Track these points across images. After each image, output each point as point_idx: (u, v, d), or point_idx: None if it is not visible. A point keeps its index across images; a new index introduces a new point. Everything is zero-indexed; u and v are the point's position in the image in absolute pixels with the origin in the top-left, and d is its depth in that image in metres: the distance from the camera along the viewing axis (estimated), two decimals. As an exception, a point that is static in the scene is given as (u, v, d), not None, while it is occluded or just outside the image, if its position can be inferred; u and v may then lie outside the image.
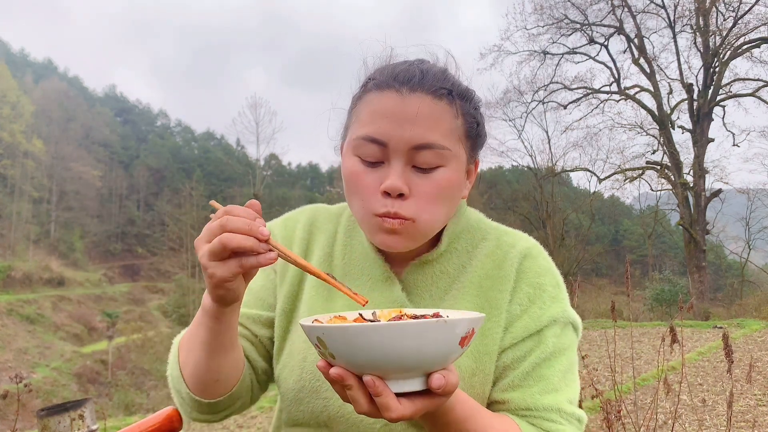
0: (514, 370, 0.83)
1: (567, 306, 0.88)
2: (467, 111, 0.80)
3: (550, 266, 0.90)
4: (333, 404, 0.84)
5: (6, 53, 69.61)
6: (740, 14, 21.22)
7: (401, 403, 0.60)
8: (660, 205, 26.99)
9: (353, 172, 0.79)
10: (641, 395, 5.91)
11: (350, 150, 0.80)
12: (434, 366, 0.61)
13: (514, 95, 26.16)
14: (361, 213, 0.81)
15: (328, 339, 0.59)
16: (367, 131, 0.77)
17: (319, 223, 0.96)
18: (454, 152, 0.78)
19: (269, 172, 58.32)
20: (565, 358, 0.85)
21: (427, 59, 0.84)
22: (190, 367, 0.81)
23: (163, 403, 11.88)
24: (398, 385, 0.61)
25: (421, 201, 0.78)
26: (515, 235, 0.93)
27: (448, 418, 0.70)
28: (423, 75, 0.77)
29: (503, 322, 0.85)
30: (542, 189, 26.81)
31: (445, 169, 0.78)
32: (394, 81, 0.77)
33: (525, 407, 0.81)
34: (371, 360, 0.58)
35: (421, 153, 0.76)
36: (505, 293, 0.86)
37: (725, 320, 13.70)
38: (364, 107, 0.79)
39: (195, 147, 79.79)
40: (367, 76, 0.83)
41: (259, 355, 0.93)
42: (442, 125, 0.77)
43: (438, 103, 0.76)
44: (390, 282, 0.88)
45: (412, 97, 0.76)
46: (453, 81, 0.80)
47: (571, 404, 0.83)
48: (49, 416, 0.74)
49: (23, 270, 36.99)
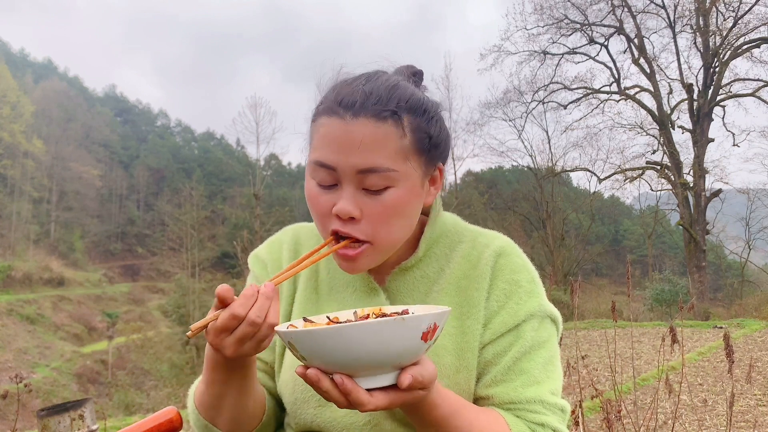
0: (495, 365, 0.86)
1: (543, 300, 0.91)
2: (417, 126, 0.80)
3: (524, 263, 0.93)
4: (325, 412, 0.87)
5: (6, 53, 69.58)
6: (740, 14, 21.25)
7: (374, 396, 0.64)
8: (660, 205, 27.01)
9: (311, 194, 0.84)
10: (641, 395, 5.91)
11: (308, 172, 0.84)
12: (401, 361, 0.64)
13: (514, 95, 26.20)
14: (321, 233, 0.86)
15: (297, 343, 0.63)
16: (318, 156, 0.80)
17: (303, 241, 1.00)
18: (402, 171, 0.79)
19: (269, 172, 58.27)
20: (545, 351, 0.88)
21: (383, 71, 0.85)
22: (213, 416, 0.86)
23: (163, 403, 11.88)
24: (369, 381, 0.64)
25: (373, 222, 0.80)
26: (489, 236, 0.95)
27: (434, 415, 0.73)
28: (366, 98, 0.78)
29: (482, 319, 0.88)
30: (542, 189, 26.80)
31: (394, 189, 0.79)
32: (338, 106, 0.78)
33: (509, 401, 0.84)
34: (338, 360, 0.62)
35: (368, 176, 0.78)
36: (482, 291, 0.89)
37: (725, 320, 13.70)
38: (315, 131, 0.83)
39: (195, 147, 79.79)
40: (319, 96, 0.86)
41: (272, 381, 0.97)
42: (387, 147, 0.78)
43: (381, 126, 0.77)
44: (374, 293, 0.92)
45: (354, 122, 0.77)
46: (400, 97, 0.79)
47: (553, 395, 0.86)
48: (49, 416, 0.74)
49: (23, 270, 36.95)
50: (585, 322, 13.75)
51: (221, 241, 45.23)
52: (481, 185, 32.86)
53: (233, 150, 69.63)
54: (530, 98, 26.09)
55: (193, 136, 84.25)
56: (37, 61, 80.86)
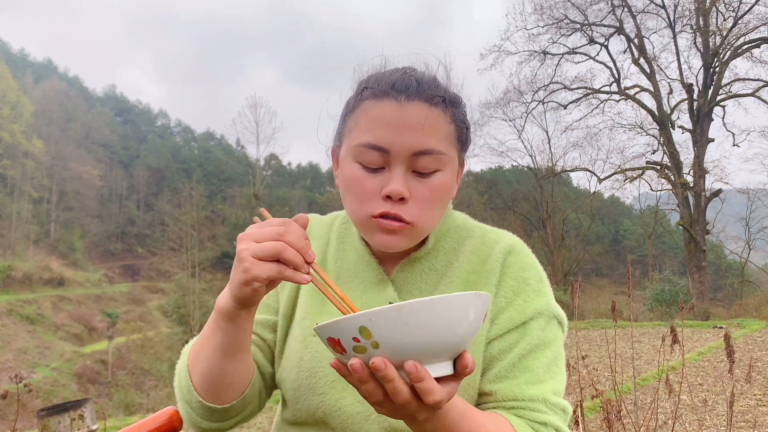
0: (500, 361, 0.86)
1: (551, 300, 0.91)
2: (457, 117, 0.84)
3: (533, 262, 0.93)
4: (329, 400, 0.86)
5: (6, 53, 69.59)
6: (740, 14, 21.25)
7: (441, 387, 0.61)
8: (660, 205, 27.02)
9: (355, 177, 0.82)
10: (641, 395, 5.91)
11: (350, 156, 0.83)
12: (464, 343, 0.61)
13: (514, 95, 26.22)
14: (359, 215, 0.83)
15: (376, 324, 0.56)
16: (369, 139, 0.80)
17: (313, 231, 1.00)
18: (450, 156, 0.83)
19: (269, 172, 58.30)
20: (550, 351, 0.88)
21: (415, 67, 0.87)
22: (203, 373, 0.82)
23: (163, 403, 11.89)
24: (433, 369, 0.60)
25: (419, 204, 0.81)
26: (499, 233, 0.96)
27: (447, 418, 0.69)
28: (418, 83, 0.81)
29: (489, 314, 0.88)
30: (542, 189, 26.82)
31: (442, 173, 0.82)
32: (391, 89, 0.80)
33: (511, 398, 0.84)
34: (417, 339, 0.56)
35: (421, 159, 0.80)
36: (490, 287, 0.89)
37: (725, 320, 13.71)
38: (362, 115, 0.82)
39: (195, 147, 79.86)
40: (359, 82, 0.86)
41: (267, 360, 0.95)
42: (439, 131, 0.80)
43: (434, 110, 0.80)
44: (383, 284, 0.91)
45: (410, 105, 0.79)
46: (444, 88, 0.84)
47: (556, 395, 0.85)
48: (49, 416, 0.74)
49: (23, 270, 36.97)
50: (585, 322, 13.76)
51: (221, 241, 45.29)
52: (481, 185, 32.85)
53: (233, 150, 69.71)
54: (530, 98, 26.14)
55: (193, 136, 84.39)
56: (37, 61, 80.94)
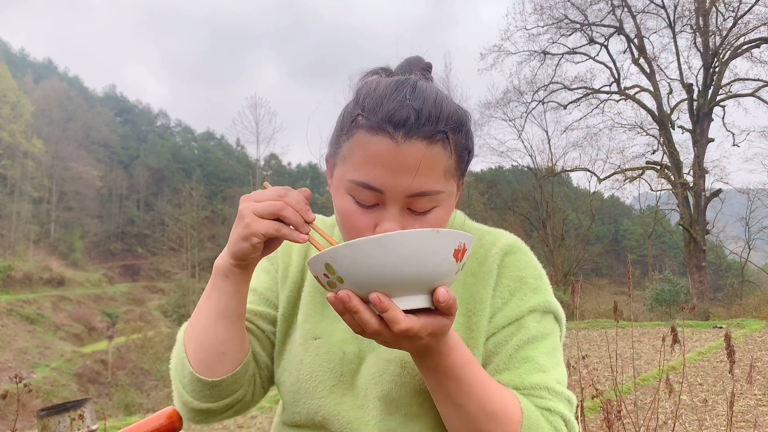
0: (497, 354, 0.86)
1: (549, 296, 0.90)
2: (460, 144, 0.79)
3: (531, 260, 0.92)
4: (328, 404, 0.86)
5: (6, 53, 69.61)
6: (740, 14, 21.27)
7: (408, 317, 0.64)
8: (660, 205, 27.02)
9: (347, 211, 0.79)
10: (641, 395, 5.91)
11: (343, 188, 0.79)
12: (435, 280, 0.64)
13: (514, 95, 26.23)
14: None
15: (336, 261, 0.62)
16: (362, 178, 0.75)
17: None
18: (448, 192, 0.79)
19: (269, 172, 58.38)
20: (548, 342, 0.87)
21: (413, 75, 0.80)
22: (197, 338, 0.84)
23: (163, 403, 11.88)
24: (404, 301, 0.64)
25: None
26: (496, 234, 0.95)
27: (449, 360, 0.72)
28: (417, 116, 0.74)
29: (488, 315, 0.88)
30: (542, 189, 26.82)
31: (438, 209, 0.78)
32: (387, 124, 0.73)
33: (513, 387, 0.82)
34: (375, 275, 0.62)
35: (417, 200, 0.76)
36: (488, 288, 0.89)
37: (725, 320, 13.71)
38: (356, 147, 0.77)
39: (195, 147, 79.82)
40: (354, 99, 0.80)
41: (264, 350, 0.95)
42: (437, 170, 0.76)
43: (433, 148, 0.75)
44: None
45: (407, 145, 0.73)
46: (448, 115, 0.76)
47: (560, 384, 0.84)
48: (49, 416, 0.74)
49: (23, 270, 36.96)
50: (585, 322, 13.76)
51: (221, 241, 45.29)
52: (481, 185, 32.82)
53: (233, 150, 69.74)
54: (530, 98, 26.15)
55: (193, 136, 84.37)
56: (37, 61, 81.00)
